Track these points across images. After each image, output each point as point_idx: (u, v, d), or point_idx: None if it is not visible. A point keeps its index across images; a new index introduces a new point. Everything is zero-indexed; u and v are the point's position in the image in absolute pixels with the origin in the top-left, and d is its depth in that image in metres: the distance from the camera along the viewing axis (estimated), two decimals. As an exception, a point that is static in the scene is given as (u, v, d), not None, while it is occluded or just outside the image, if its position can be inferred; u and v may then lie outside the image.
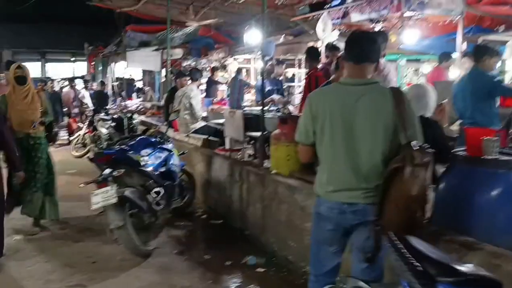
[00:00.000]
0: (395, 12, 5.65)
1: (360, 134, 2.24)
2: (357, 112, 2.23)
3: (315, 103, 2.35)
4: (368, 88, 2.27)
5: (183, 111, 6.72)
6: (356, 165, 2.26)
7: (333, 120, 2.27)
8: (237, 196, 5.05)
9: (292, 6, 8.78)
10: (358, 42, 2.34)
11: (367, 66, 2.30)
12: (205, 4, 9.90)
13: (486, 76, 4.15)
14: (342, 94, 2.29)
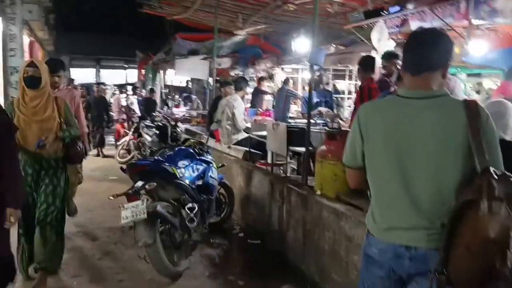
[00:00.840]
0: (461, 20, 5.08)
1: (422, 159, 1.76)
2: (419, 132, 1.77)
3: (365, 119, 1.90)
4: (433, 102, 1.79)
5: (225, 121, 6.45)
6: (417, 198, 1.78)
7: (387, 140, 1.83)
8: (276, 216, 4.66)
9: (345, 14, 8.36)
10: (416, 45, 1.85)
11: (431, 76, 1.81)
12: (254, 13, 9.67)
13: None
14: (399, 109, 1.83)
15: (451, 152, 1.73)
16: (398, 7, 5.87)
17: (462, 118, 1.71)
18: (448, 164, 1.74)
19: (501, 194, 1.55)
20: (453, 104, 1.79)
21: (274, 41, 12.70)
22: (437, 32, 1.88)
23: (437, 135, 1.74)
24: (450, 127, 1.74)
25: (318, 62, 4.61)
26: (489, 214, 1.55)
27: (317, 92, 7.47)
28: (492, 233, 1.55)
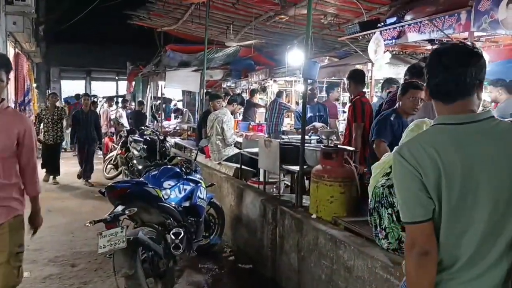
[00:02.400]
0: (462, 31, 4.86)
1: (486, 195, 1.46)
2: (480, 163, 1.46)
3: (416, 160, 1.49)
4: (486, 126, 1.49)
5: (215, 136, 6.17)
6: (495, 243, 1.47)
7: (450, 180, 1.46)
8: (269, 239, 4.35)
9: (339, 26, 8.16)
10: (446, 68, 1.50)
11: (471, 100, 1.52)
12: (245, 24, 9.45)
13: None
14: (449, 139, 1.49)
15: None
16: (395, 18, 5.65)
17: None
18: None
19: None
20: (506, 127, 1.51)
21: (267, 53, 12.49)
22: (472, 49, 1.55)
23: (502, 164, 1.46)
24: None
25: (312, 75, 4.34)
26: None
27: (311, 106, 7.21)
28: None
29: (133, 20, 10.64)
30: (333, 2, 6.88)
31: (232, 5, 8.13)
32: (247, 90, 12.89)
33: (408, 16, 5.58)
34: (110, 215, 3.51)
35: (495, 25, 4.77)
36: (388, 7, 6.43)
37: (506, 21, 4.82)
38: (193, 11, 8.89)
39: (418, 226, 1.50)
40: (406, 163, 1.51)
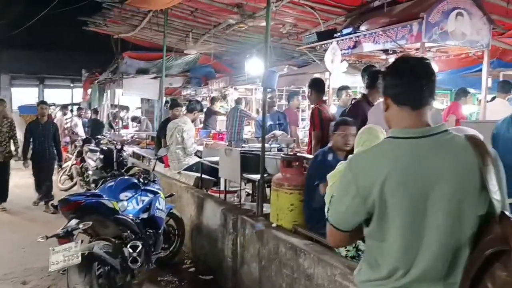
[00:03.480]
0: (414, 42, 5.04)
1: (440, 209, 1.49)
2: (433, 178, 1.49)
3: (364, 173, 1.55)
4: (439, 140, 1.52)
5: (174, 145, 6.07)
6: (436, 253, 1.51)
7: (398, 194, 1.50)
8: (230, 249, 4.31)
9: (297, 35, 8.28)
10: (415, 75, 1.56)
11: (427, 109, 1.57)
12: (204, 32, 9.41)
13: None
14: (405, 154, 1.52)
15: (469, 197, 1.48)
16: (351, 29, 5.78)
17: (473, 158, 1.48)
18: (467, 211, 1.49)
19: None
20: (459, 141, 1.54)
21: (227, 61, 12.49)
22: (427, 60, 1.62)
23: (453, 178, 1.48)
24: (464, 168, 1.49)
25: (271, 85, 4.37)
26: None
27: (270, 114, 7.26)
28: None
29: (89, 27, 10.35)
30: (291, 12, 6.97)
31: (191, 13, 8.08)
32: (208, 98, 12.82)
33: (363, 26, 5.72)
34: (64, 229, 3.38)
35: (444, 36, 4.98)
36: (344, 17, 6.57)
37: (455, 33, 5.05)
38: (151, 18, 8.76)
39: (335, 231, 1.64)
40: (352, 175, 1.57)
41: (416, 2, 5.39)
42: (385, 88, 1.62)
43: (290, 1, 6.29)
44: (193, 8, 7.78)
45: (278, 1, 6.37)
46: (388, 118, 1.63)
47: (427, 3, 5.05)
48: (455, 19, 5.01)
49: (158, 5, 7.07)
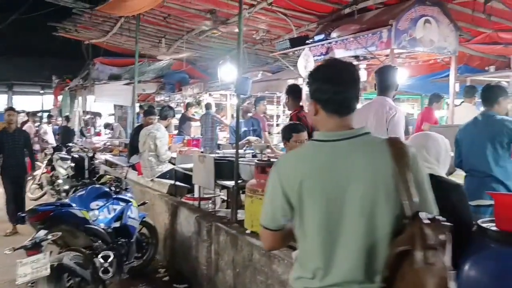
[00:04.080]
0: (384, 48, 5.15)
1: (355, 209, 1.53)
2: (349, 178, 1.54)
3: (286, 173, 1.62)
4: (358, 142, 1.58)
5: (147, 153, 5.98)
6: (352, 251, 1.54)
7: (315, 194, 1.56)
8: (204, 257, 4.27)
9: (271, 41, 8.33)
10: (343, 83, 1.59)
11: (353, 115, 1.63)
12: (178, 38, 9.36)
13: (506, 122, 3.54)
14: (323, 155, 1.59)
15: (383, 198, 1.52)
16: (323, 35, 5.86)
17: (389, 158, 1.52)
18: (382, 211, 1.52)
19: (435, 241, 1.37)
20: (378, 143, 1.59)
21: (201, 66, 12.45)
22: (355, 68, 1.65)
23: (368, 179, 1.53)
24: (379, 169, 1.53)
25: (245, 91, 4.38)
26: (425, 265, 1.36)
27: (245, 120, 7.26)
28: (431, 286, 1.36)
29: (59, 32, 10.16)
30: (264, 18, 7.01)
31: (164, 18, 8.03)
32: (182, 104, 12.74)
33: (334, 33, 5.81)
34: (31, 240, 3.29)
35: (413, 43, 5.11)
36: (316, 24, 6.66)
37: (423, 39, 5.19)
38: (122, 24, 8.67)
39: (267, 232, 1.70)
40: (277, 176, 1.63)
41: (385, 9, 5.52)
42: (313, 93, 1.64)
43: (262, 8, 6.33)
44: (166, 14, 7.74)
45: (251, 7, 6.41)
46: (316, 122, 1.67)
47: (396, 10, 5.18)
48: (423, 26, 5.15)
49: (130, 11, 7.00)
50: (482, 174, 3.52)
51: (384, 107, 3.60)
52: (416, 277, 1.37)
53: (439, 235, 1.38)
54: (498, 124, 3.50)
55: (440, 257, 1.37)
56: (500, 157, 3.48)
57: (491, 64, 6.96)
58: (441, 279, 1.36)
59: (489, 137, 3.53)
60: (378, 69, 3.96)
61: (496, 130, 3.50)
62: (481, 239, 2.18)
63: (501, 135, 3.48)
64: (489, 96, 3.68)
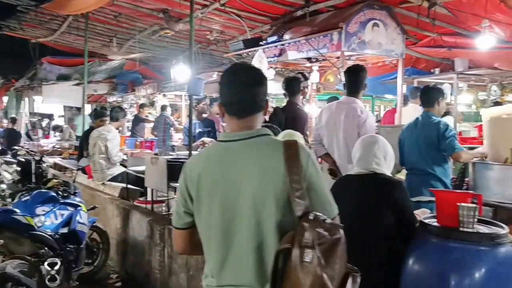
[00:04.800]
0: (335, 51, 5.26)
1: (244, 209, 1.55)
2: (241, 177, 1.57)
3: (190, 172, 1.66)
4: (253, 143, 1.61)
5: (98, 155, 5.81)
6: (242, 253, 1.56)
7: (210, 192, 1.61)
8: (157, 261, 4.19)
9: (225, 42, 8.31)
10: (245, 87, 1.62)
11: (256, 116, 1.65)
12: (129, 37, 9.15)
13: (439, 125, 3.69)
14: (220, 156, 1.64)
15: (273, 199, 1.53)
16: (276, 37, 5.91)
17: (280, 161, 1.53)
18: (270, 211, 1.53)
19: (311, 240, 1.38)
20: (273, 145, 1.61)
21: (154, 66, 12.22)
22: (259, 73, 1.68)
23: (258, 180, 1.55)
24: (270, 170, 1.54)
25: (197, 92, 4.34)
26: (301, 265, 1.37)
27: (200, 121, 7.21)
28: (306, 285, 1.36)
29: (3, 30, 9.66)
30: (217, 19, 6.99)
31: (114, 17, 7.82)
32: (135, 105, 12.48)
33: (287, 35, 5.87)
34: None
35: (362, 46, 5.25)
36: (270, 26, 6.71)
37: (372, 42, 5.34)
38: (71, 22, 8.36)
39: (176, 231, 1.75)
40: (183, 174, 1.69)
41: (336, 12, 5.64)
42: (220, 97, 1.68)
43: (216, 8, 6.31)
44: (116, 12, 7.54)
45: (204, 7, 6.36)
46: (226, 124, 1.73)
47: (346, 14, 5.31)
48: (371, 30, 5.31)
49: (77, 10, 6.77)
50: (422, 172, 3.68)
51: (355, 110, 3.68)
52: (294, 275, 1.38)
53: (318, 234, 1.39)
54: (432, 126, 3.67)
55: (317, 256, 1.37)
56: (436, 156, 3.66)
57: (436, 67, 7.27)
58: (316, 278, 1.36)
59: (426, 137, 3.69)
60: (348, 68, 4.04)
61: (430, 132, 3.67)
62: (424, 234, 2.29)
63: (432, 137, 3.65)
64: (428, 97, 3.84)
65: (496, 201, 3.39)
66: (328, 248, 1.39)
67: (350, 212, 2.43)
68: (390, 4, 5.46)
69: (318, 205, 1.54)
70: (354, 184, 2.54)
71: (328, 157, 3.91)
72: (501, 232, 2.15)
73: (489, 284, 2.05)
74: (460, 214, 2.16)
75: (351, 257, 2.36)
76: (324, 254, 1.37)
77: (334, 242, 1.41)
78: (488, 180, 3.50)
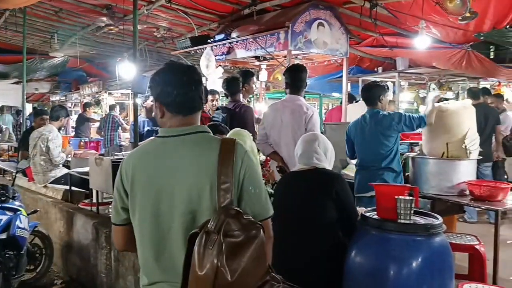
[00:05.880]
0: (282, 50, 5.33)
1: (179, 203, 1.54)
2: (173, 175, 1.56)
3: (125, 167, 1.66)
4: (190, 139, 1.61)
5: (39, 156, 5.54)
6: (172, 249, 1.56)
7: (145, 187, 1.60)
8: (103, 264, 4.08)
9: (173, 40, 8.19)
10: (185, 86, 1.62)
11: (198, 114, 1.69)
12: (72, 34, 8.80)
13: (388, 116, 3.83)
14: (156, 151, 1.64)
15: (208, 196, 1.53)
16: (223, 35, 5.91)
17: (215, 157, 1.54)
18: (204, 206, 1.53)
19: (218, 228, 1.37)
20: (209, 142, 1.62)
21: (99, 64, 11.84)
22: (194, 68, 1.70)
23: (191, 176, 1.54)
24: (204, 168, 1.54)
25: (142, 90, 4.25)
26: (204, 249, 1.36)
27: (149, 119, 7.08)
28: (201, 271, 1.35)
29: None
30: (164, 16, 6.87)
31: (55, 13, 7.48)
32: (80, 104, 12.05)
33: (234, 33, 5.88)
34: None
35: (308, 45, 5.36)
36: (218, 24, 6.69)
37: (317, 41, 5.46)
38: (7, 17, 7.91)
39: (114, 227, 1.74)
40: (119, 170, 1.69)
41: (282, 11, 5.72)
42: (157, 96, 1.66)
43: (162, 5, 6.20)
44: (57, 8, 7.22)
45: (149, 4, 6.24)
46: (162, 123, 1.67)
47: (292, 13, 5.39)
48: (317, 29, 5.43)
49: (13, 4, 6.40)
50: (374, 167, 3.80)
51: (301, 107, 3.76)
52: (194, 258, 1.36)
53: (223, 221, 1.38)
54: (386, 119, 3.80)
55: (218, 244, 1.34)
56: (389, 150, 3.80)
57: (379, 66, 7.57)
58: (213, 264, 1.33)
59: (379, 132, 3.81)
60: (288, 68, 4.10)
61: (385, 125, 3.79)
62: (364, 227, 2.37)
63: (390, 129, 3.78)
64: (370, 95, 3.96)
65: (433, 193, 3.59)
66: (238, 243, 1.36)
67: (294, 207, 2.49)
68: (334, 4, 5.60)
69: (250, 204, 1.55)
70: (297, 180, 2.61)
71: (276, 155, 3.95)
72: (436, 222, 2.28)
73: (424, 272, 2.16)
74: (398, 206, 2.27)
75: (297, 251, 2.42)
76: (231, 247, 1.34)
77: (248, 239, 1.38)
78: (426, 173, 3.69)
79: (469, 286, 2.39)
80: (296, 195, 2.50)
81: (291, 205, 2.53)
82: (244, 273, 1.35)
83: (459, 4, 4.46)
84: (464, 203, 3.51)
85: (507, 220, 6.15)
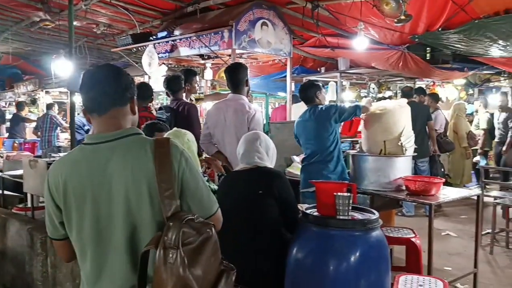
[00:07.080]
0: (226, 48, 5.31)
1: (118, 213, 1.47)
2: (110, 181, 1.48)
3: (54, 181, 1.54)
4: (122, 143, 1.52)
5: (-34, 160, 5.18)
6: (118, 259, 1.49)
7: (80, 199, 1.50)
8: (39, 272, 3.87)
9: (114, 37, 7.93)
10: (97, 82, 1.55)
11: (119, 113, 1.56)
12: (4, 29, 8.28)
13: (325, 108, 3.97)
14: (87, 159, 1.52)
15: (146, 202, 1.46)
16: (166, 32, 5.80)
17: (150, 160, 1.46)
18: (144, 213, 1.47)
19: (175, 240, 1.34)
20: (141, 144, 1.52)
21: (35, 61, 11.22)
22: (114, 68, 1.63)
23: (126, 183, 1.47)
24: (139, 172, 1.46)
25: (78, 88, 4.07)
26: (165, 265, 1.33)
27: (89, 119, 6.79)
28: (169, 286, 1.32)
29: None
30: (104, 11, 6.63)
31: (-16, 7, 7.02)
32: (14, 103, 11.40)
33: (177, 31, 5.79)
34: None
35: (252, 44, 5.38)
36: (160, 21, 6.55)
37: (262, 41, 5.50)
38: None
39: (56, 242, 1.65)
40: (47, 185, 1.57)
41: (226, 10, 5.70)
42: (82, 101, 1.60)
43: (101, 0, 5.98)
44: (-14, 1, 6.77)
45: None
46: (94, 129, 1.61)
47: (236, 12, 5.39)
48: (260, 29, 5.47)
49: None
50: (319, 162, 3.92)
51: (243, 106, 3.75)
52: (158, 276, 1.34)
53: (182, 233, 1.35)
54: (324, 111, 3.94)
55: (180, 257, 1.32)
56: (331, 142, 3.94)
57: (322, 66, 7.74)
58: (179, 278, 1.32)
59: (320, 126, 3.95)
60: (227, 67, 4.08)
61: (324, 117, 3.92)
62: (305, 224, 2.41)
63: (329, 120, 3.91)
64: (307, 95, 4.13)
65: (372, 189, 3.72)
66: (195, 248, 1.36)
67: (237, 206, 2.49)
68: (277, 4, 5.66)
69: (194, 203, 1.51)
70: (239, 179, 2.61)
71: (220, 154, 3.94)
72: (373, 217, 2.36)
73: (362, 266, 2.24)
74: (337, 203, 2.33)
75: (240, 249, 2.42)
76: (190, 254, 1.34)
77: (203, 241, 1.38)
78: (365, 170, 3.82)
79: (405, 278, 2.50)
80: (239, 194, 2.50)
81: (234, 204, 2.52)
82: (206, 274, 1.38)
83: (395, 7, 4.64)
84: (401, 198, 3.66)
85: (442, 213, 6.51)
